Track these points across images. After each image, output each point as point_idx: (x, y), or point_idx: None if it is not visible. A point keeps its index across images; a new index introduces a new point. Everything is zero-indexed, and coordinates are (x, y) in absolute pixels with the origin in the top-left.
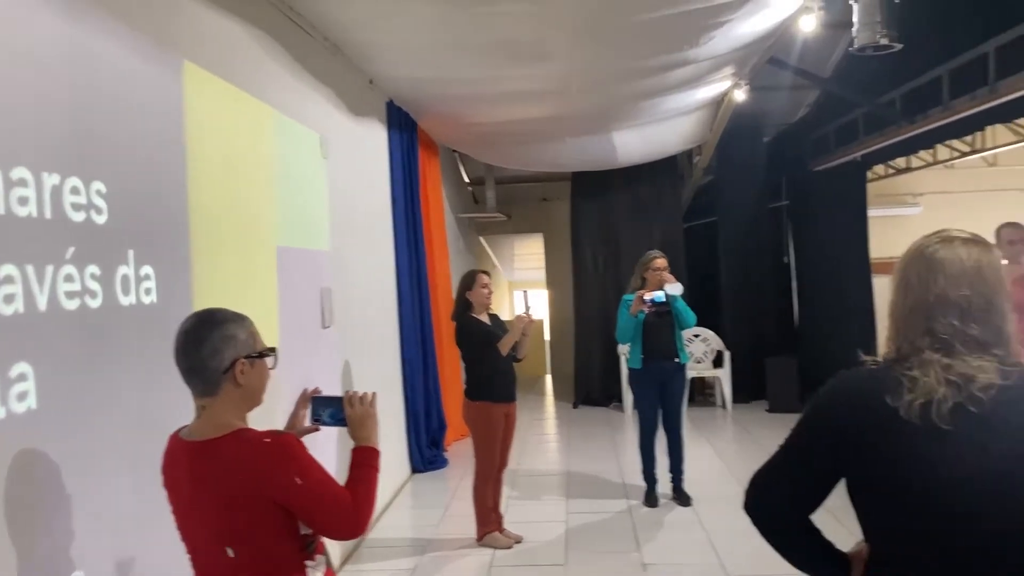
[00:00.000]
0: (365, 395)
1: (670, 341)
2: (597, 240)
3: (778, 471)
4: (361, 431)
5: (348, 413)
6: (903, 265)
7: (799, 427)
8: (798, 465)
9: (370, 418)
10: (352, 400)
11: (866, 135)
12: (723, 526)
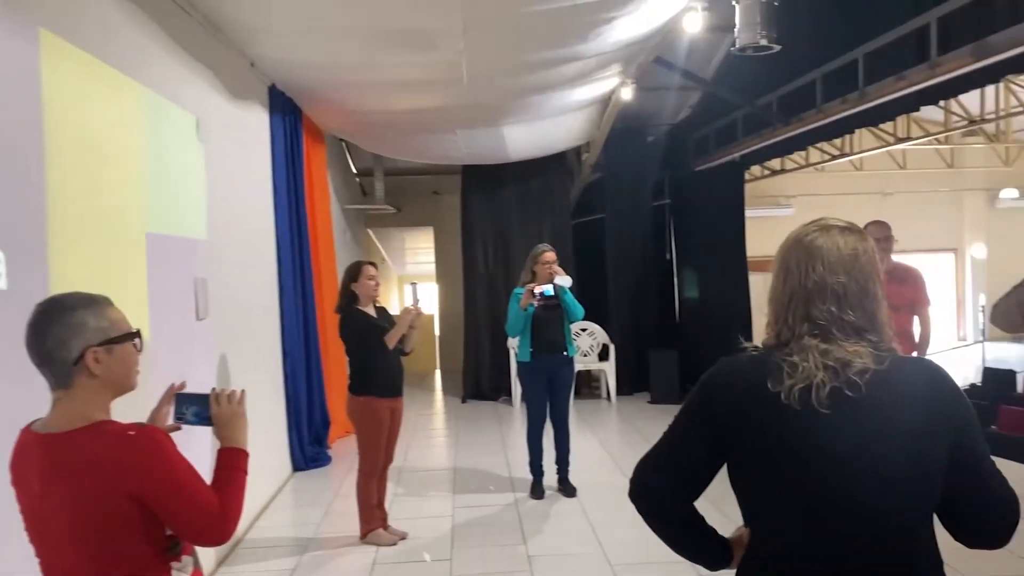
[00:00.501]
0: (233, 392)
1: (559, 335)
2: (487, 234)
3: (662, 459)
4: (228, 431)
5: (214, 411)
6: (783, 253)
7: (681, 415)
8: (682, 452)
9: (238, 417)
10: (219, 398)
11: (744, 136)
12: (606, 516)
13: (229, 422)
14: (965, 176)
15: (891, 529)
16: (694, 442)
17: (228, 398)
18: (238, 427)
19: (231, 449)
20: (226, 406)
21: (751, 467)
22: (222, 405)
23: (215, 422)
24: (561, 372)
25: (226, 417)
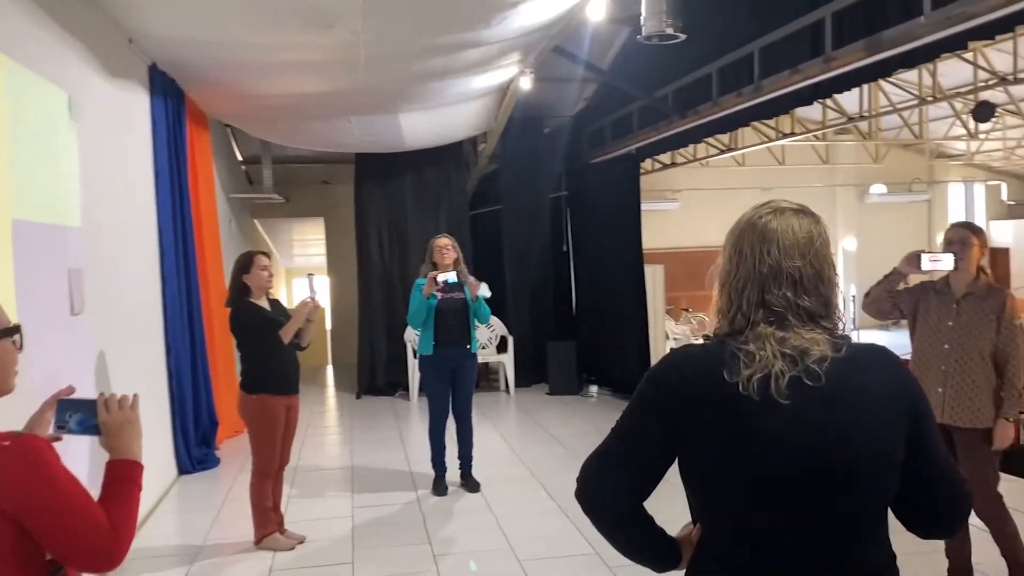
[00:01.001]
0: (124, 398)
1: (462, 328)
2: (382, 225)
3: (612, 457)
4: (118, 441)
5: (102, 419)
6: (735, 237)
7: (632, 410)
8: (632, 449)
9: (129, 425)
10: (108, 403)
11: (640, 129)
12: (511, 510)
13: (119, 430)
14: (838, 172)
15: (852, 522)
16: (645, 438)
17: (119, 404)
18: (130, 436)
19: (122, 461)
20: (116, 413)
21: (706, 462)
22: (111, 412)
23: (103, 431)
24: (464, 365)
25: (116, 425)
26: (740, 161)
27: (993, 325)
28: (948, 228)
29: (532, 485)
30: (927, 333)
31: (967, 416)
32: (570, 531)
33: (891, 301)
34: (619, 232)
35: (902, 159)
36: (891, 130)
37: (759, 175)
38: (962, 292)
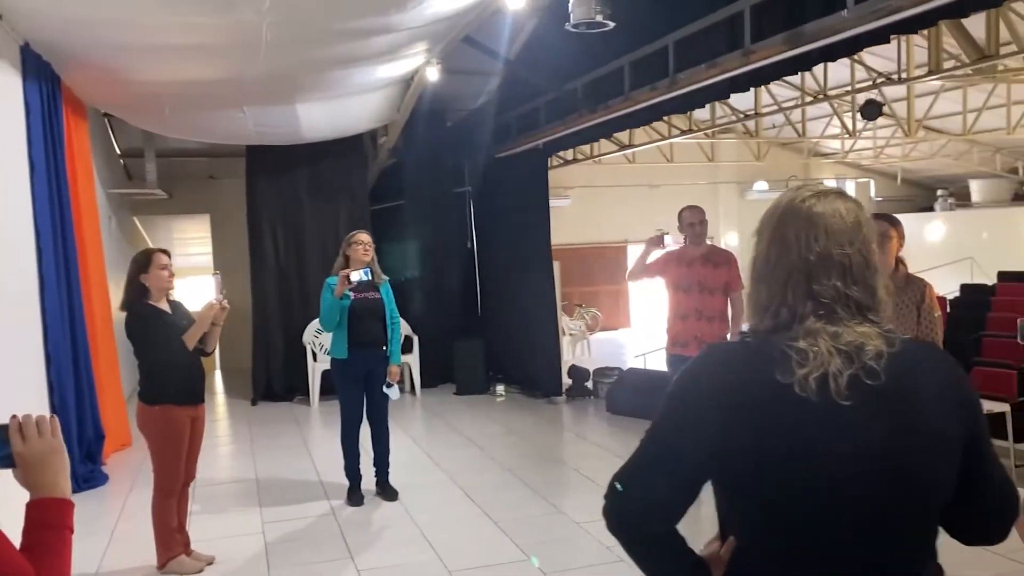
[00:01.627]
0: (43, 420)
1: (378, 329)
2: (277, 222)
3: (650, 473)
4: (41, 475)
5: (17, 449)
6: (775, 223)
7: (669, 419)
8: (675, 463)
9: (54, 454)
10: (24, 428)
11: (548, 123)
12: (435, 518)
13: (42, 462)
14: (720, 169)
15: (912, 530)
16: (687, 451)
17: (38, 428)
18: (55, 468)
19: (48, 500)
20: (35, 440)
21: (757, 471)
22: (29, 439)
23: (20, 463)
24: (379, 369)
25: (37, 455)
26: (631, 159)
27: (914, 315)
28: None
29: (453, 490)
30: None
31: None
32: (499, 537)
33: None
34: (526, 228)
35: (780, 157)
36: (771, 129)
37: (647, 172)
38: None
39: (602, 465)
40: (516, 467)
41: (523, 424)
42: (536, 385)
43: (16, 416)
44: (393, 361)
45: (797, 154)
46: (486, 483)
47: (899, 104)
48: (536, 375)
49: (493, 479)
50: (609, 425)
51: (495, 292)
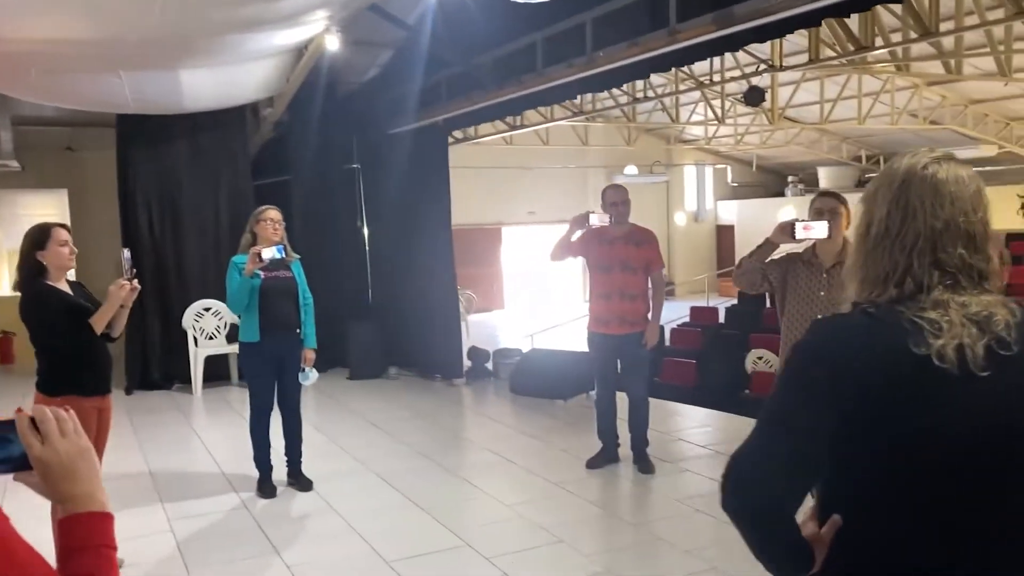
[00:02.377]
0: (61, 415)
1: (291, 310)
2: (152, 197)
3: (777, 454)
4: (72, 483)
5: (37, 453)
6: (896, 189)
7: (793, 395)
8: (804, 443)
9: (84, 457)
10: (42, 425)
11: (451, 98)
12: (357, 506)
13: (71, 468)
14: (589, 154)
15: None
16: (817, 429)
17: (59, 425)
18: (87, 474)
19: (85, 517)
20: (58, 441)
21: (889, 448)
22: (50, 439)
23: (42, 470)
24: (293, 353)
25: (64, 461)
26: (508, 141)
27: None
28: (816, 197)
29: (369, 477)
30: (798, 304)
31: None
32: (431, 524)
33: (762, 272)
34: (424, 207)
35: (647, 143)
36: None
37: (523, 155)
38: (831, 262)
39: (518, 446)
40: (430, 451)
41: (428, 407)
42: (435, 367)
43: (20, 409)
44: (308, 345)
45: (662, 140)
46: (403, 468)
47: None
48: (435, 357)
49: (409, 464)
50: (515, 406)
51: (388, 273)
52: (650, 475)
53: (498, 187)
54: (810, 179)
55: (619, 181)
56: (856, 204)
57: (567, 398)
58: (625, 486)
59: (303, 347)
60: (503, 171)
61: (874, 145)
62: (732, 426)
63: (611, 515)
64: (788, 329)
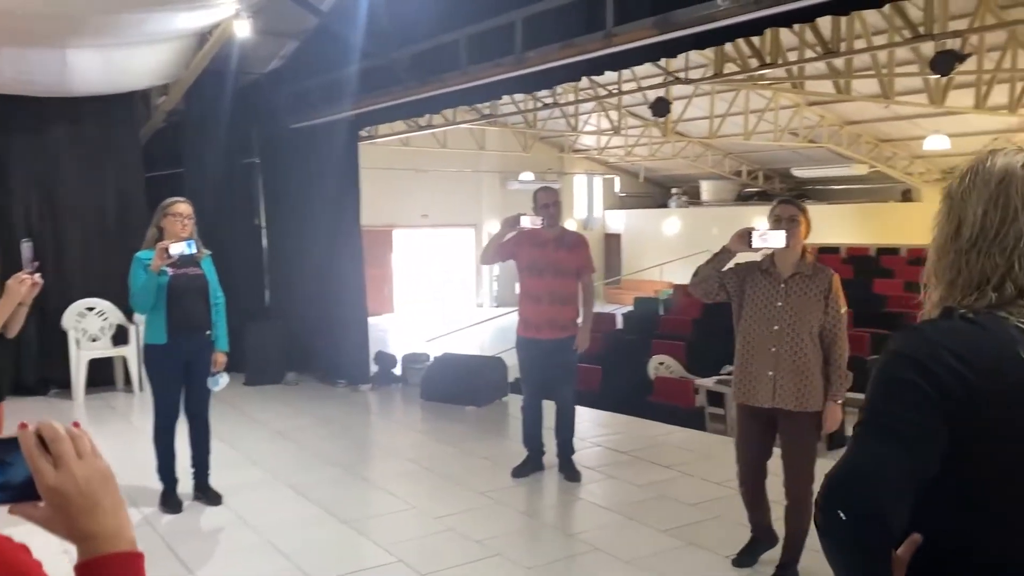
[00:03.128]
0: (72, 431)
1: (201, 310)
2: (29, 187)
3: (890, 465)
4: (95, 519)
5: (50, 481)
6: (992, 187)
7: (897, 405)
8: (922, 457)
9: (107, 484)
10: (53, 445)
11: (364, 93)
12: (273, 522)
13: (92, 499)
14: (483, 159)
15: None
16: (928, 439)
17: (76, 443)
18: (112, 506)
19: (113, 559)
20: (75, 464)
21: (997, 465)
22: (64, 462)
23: (57, 501)
24: (202, 356)
25: (83, 489)
26: (405, 142)
27: (821, 305)
28: (775, 205)
29: (282, 489)
30: (756, 314)
31: (797, 400)
32: (356, 539)
33: (718, 281)
34: (330, 206)
35: (541, 151)
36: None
37: (417, 157)
38: (790, 272)
39: (436, 454)
40: (345, 461)
41: (335, 414)
42: (339, 372)
43: (25, 424)
44: (219, 347)
45: (555, 148)
46: (318, 480)
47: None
48: (339, 362)
49: (324, 475)
50: (428, 412)
51: (289, 273)
52: (577, 483)
53: (391, 188)
54: (693, 192)
55: (512, 187)
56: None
57: (481, 404)
58: (554, 495)
59: (214, 349)
60: (397, 172)
61: (754, 161)
62: (647, 432)
63: (545, 525)
64: (744, 339)
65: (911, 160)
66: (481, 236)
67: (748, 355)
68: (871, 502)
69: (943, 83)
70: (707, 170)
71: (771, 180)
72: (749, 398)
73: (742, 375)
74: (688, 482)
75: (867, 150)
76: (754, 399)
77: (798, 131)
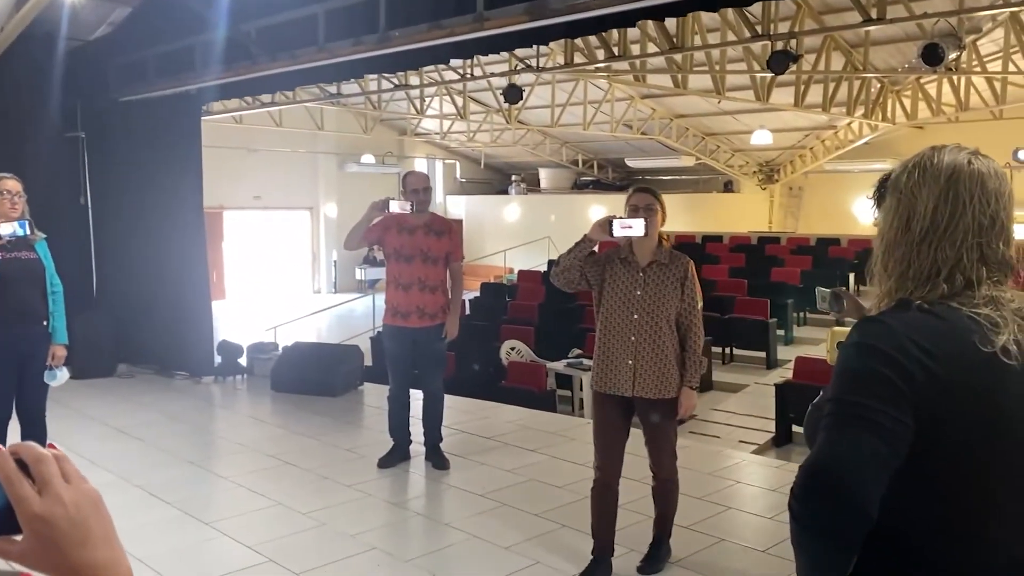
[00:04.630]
0: (56, 453)
1: (36, 299)
2: None
3: (864, 452)
4: (88, 547)
5: (36, 509)
6: (944, 182)
7: (865, 394)
8: (887, 439)
9: (99, 512)
10: (37, 467)
11: (206, 67)
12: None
13: (83, 523)
14: (320, 139)
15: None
16: (899, 429)
17: (61, 468)
18: (102, 533)
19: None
20: (63, 490)
21: (955, 453)
22: (50, 489)
23: (43, 530)
24: (38, 350)
25: (76, 512)
26: (238, 120)
27: (678, 292)
28: (631, 193)
29: (132, 492)
30: (616, 303)
31: (657, 387)
32: (221, 540)
33: (580, 270)
34: (169, 185)
35: (382, 133)
36: (384, 103)
37: (250, 135)
38: (648, 260)
39: (296, 447)
40: (198, 458)
41: (179, 408)
42: (178, 363)
43: (3, 448)
44: (57, 340)
45: (396, 131)
46: (171, 479)
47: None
48: (179, 352)
49: (177, 474)
50: (280, 404)
51: (120, 257)
52: (445, 471)
53: (221, 168)
54: (532, 179)
55: (349, 170)
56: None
57: (338, 393)
58: (424, 484)
59: (51, 342)
60: (228, 151)
61: (590, 151)
62: (507, 416)
63: (418, 516)
64: (604, 329)
65: (732, 153)
66: (318, 220)
67: (608, 344)
68: (853, 490)
69: (768, 82)
70: (546, 158)
71: (604, 169)
72: (609, 387)
73: (602, 364)
74: (555, 465)
75: (694, 143)
76: (614, 388)
77: (632, 123)
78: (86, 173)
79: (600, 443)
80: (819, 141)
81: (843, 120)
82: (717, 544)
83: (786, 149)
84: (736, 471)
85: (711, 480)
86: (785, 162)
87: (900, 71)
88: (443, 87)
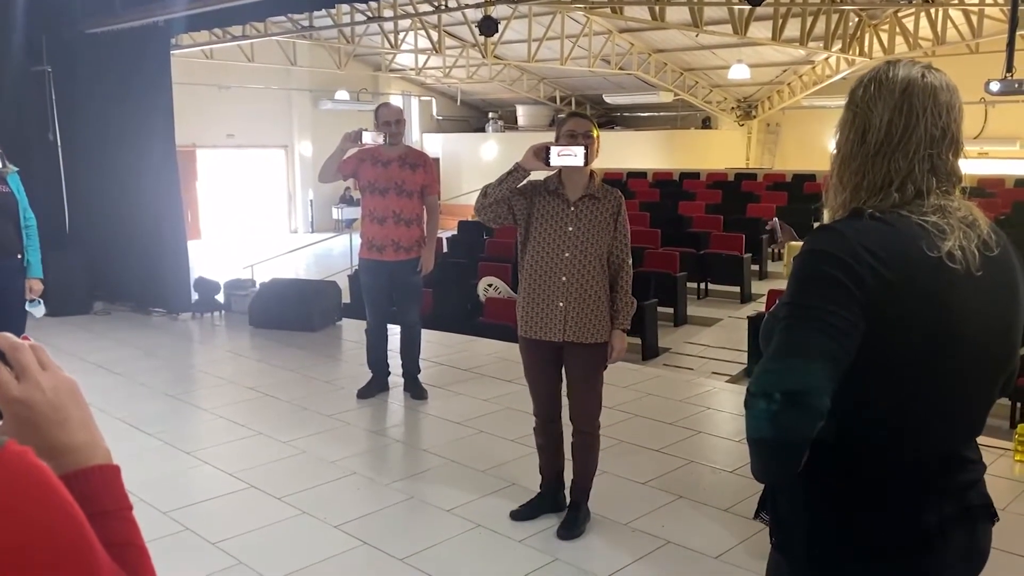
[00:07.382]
0: (29, 344)
1: (11, 233)
2: None
3: (817, 352)
4: (67, 431)
5: (13, 393)
6: (898, 95)
7: (817, 297)
8: (839, 339)
9: (75, 396)
10: (13, 355)
11: None
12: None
13: (62, 407)
14: (293, 76)
15: (989, 403)
16: (851, 330)
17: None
18: (83, 417)
19: (92, 472)
20: (39, 375)
21: (903, 352)
22: (27, 373)
23: (23, 413)
24: (14, 284)
25: (54, 397)
26: (208, 55)
27: (611, 228)
28: (567, 118)
29: (114, 424)
30: (546, 241)
31: (589, 332)
32: (203, 469)
33: (508, 204)
34: (140, 119)
35: (356, 69)
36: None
37: (221, 71)
38: (580, 193)
39: (276, 380)
40: (178, 391)
41: (157, 344)
42: (154, 300)
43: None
44: (33, 274)
45: (370, 67)
46: (152, 412)
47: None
48: (155, 290)
49: (157, 407)
50: (258, 339)
51: (92, 194)
52: (424, 401)
53: (193, 105)
54: (509, 116)
55: (324, 107)
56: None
57: (316, 329)
58: (403, 414)
59: (26, 276)
60: (199, 88)
61: (567, 87)
62: (484, 350)
63: (397, 442)
64: (532, 268)
65: (710, 89)
66: (293, 158)
67: (536, 285)
68: (805, 386)
69: (746, 14)
70: (523, 95)
71: (583, 106)
72: (538, 331)
73: (529, 307)
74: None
75: (672, 79)
76: (543, 333)
77: (610, 58)
78: (53, 109)
79: (535, 391)
80: (797, 76)
81: (820, 55)
82: (686, 465)
83: (764, 85)
84: (707, 398)
85: (682, 406)
86: (763, 98)
87: (878, 3)
88: (417, 20)
